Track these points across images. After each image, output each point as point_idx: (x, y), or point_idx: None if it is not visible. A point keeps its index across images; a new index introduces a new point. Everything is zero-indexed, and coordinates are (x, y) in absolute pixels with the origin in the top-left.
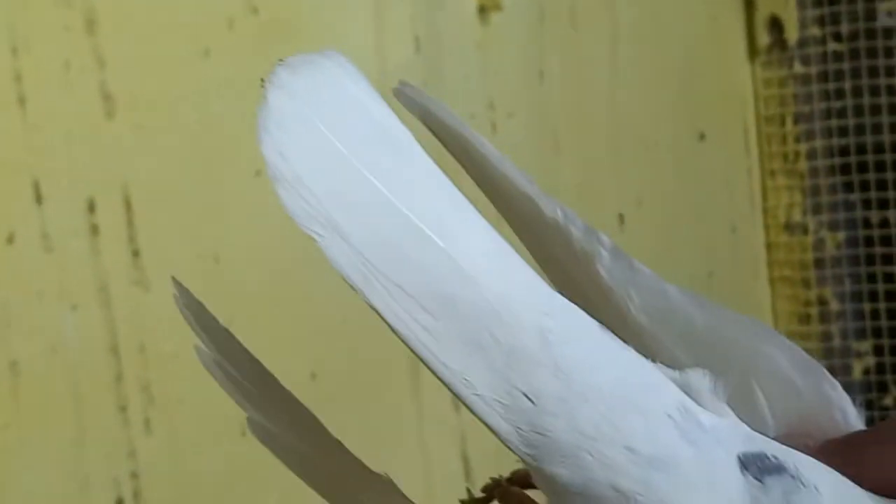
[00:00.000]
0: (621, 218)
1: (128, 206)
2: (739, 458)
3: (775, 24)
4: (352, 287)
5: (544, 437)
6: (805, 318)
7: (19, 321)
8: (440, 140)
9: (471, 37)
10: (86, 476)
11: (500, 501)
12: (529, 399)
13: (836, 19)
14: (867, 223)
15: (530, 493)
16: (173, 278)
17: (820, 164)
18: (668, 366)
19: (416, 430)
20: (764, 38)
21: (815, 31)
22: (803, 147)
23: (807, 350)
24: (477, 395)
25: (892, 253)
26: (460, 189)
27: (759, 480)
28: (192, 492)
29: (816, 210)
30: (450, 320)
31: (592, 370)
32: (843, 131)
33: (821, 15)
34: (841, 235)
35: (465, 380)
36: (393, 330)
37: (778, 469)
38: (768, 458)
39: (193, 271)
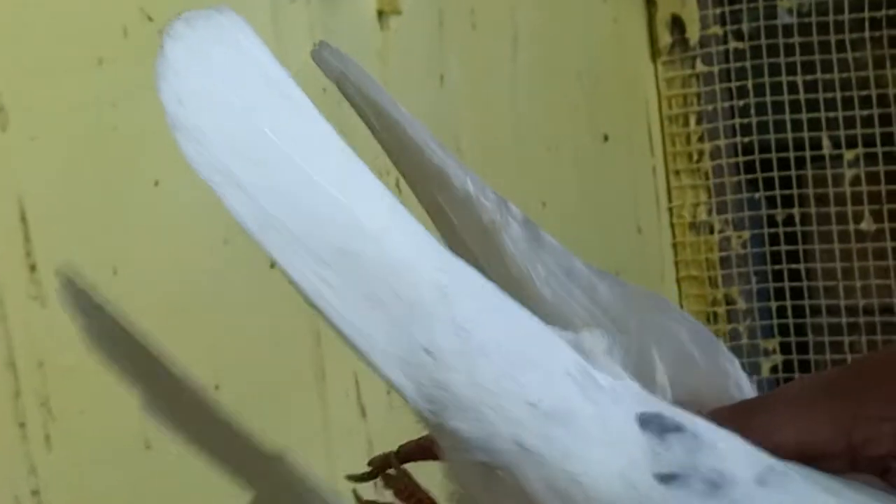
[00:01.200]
0: None
1: (23, 219)
2: (638, 417)
3: (677, 24)
4: (252, 238)
5: (445, 391)
6: (713, 317)
7: None
8: (352, 103)
9: (370, 41)
10: None
11: (384, 481)
12: (429, 353)
13: (736, 18)
14: (772, 221)
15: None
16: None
17: (724, 162)
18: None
19: (322, 438)
20: (666, 38)
21: (716, 29)
22: (707, 146)
23: None
24: (378, 350)
25: (798, 250)
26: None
27: (659, 437)
28: None
29: (722, 209)
30: (350, 275)
31: (490, 326)
32: (746, 129)
33: (722, 13)
34: (746, 234)
35: (366, 335)
36: (294, 284)
37: (677, 427)
38: (666, 418)
39: (92, 284)
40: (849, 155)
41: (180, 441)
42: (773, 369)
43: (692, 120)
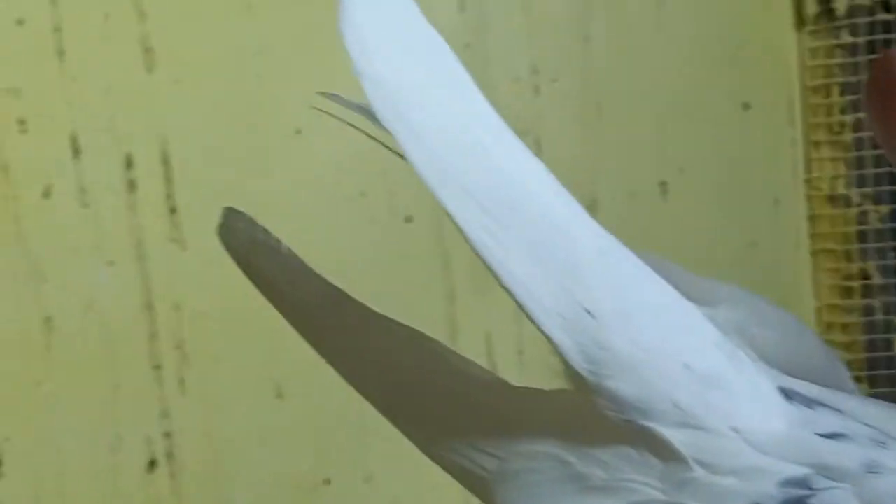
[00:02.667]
0: (663, 185)
1: (166, 161)
2: (781, 389)
3: None
4: (426, 185)
5: (606, 351)
6: (847, 292)
7: (54, 277)
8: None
9: None
10: (118, 436)
11: None
12: (591, 314)
13: None
14: None
15: None
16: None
17: (865, 135)
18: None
19: None
20: (812, 7)
21: (863, 0)
22: (849, 118)
23: (848, 325)
24: (540, 305)
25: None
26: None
27: (809, 408)
28: (227, 453)
29: (861, 182)
30: (516, 230)
31: (647, 291)
32: None
33: None
34: (885, 208)
35: (529, 289)
36: (463, 234)
37: (819, 402)
38: (804, 394)
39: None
40: None
41: (312, 391)
42: None
43: (835, 91)
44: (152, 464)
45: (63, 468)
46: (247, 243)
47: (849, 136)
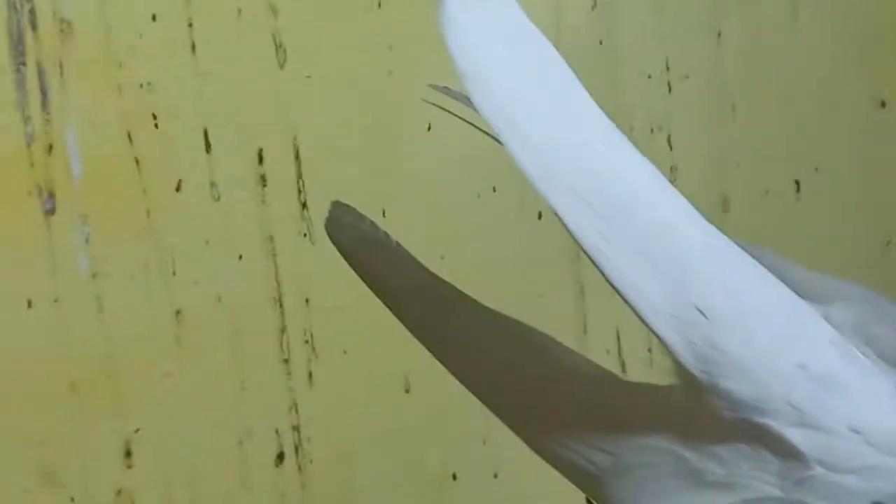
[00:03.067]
0: (797, 184)
1: (297, 156)
2: None
3: None
4: (533, 186)
5: (719, 351)
6: None
7: (184, 269)
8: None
9: None
10: (247, 428)
11: None
12: (703, 314)
13: None
14: None
15: None
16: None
17: None
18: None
19: None
20: None
21: None
22: None
23: None
24: (651, 305)
25: None
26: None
27: None
28: (355, 447)
29: None
30: (623, 230)
31: (758, 291)
32: None
33: None
34: None
35: (639, 289)
36: (571, 234)
37: None
38: None
39: None
40: None
41: (440, 386)
42: None
43: None
44: (280, 456)
45: (192, 460)
46: (355, 237)
47: None
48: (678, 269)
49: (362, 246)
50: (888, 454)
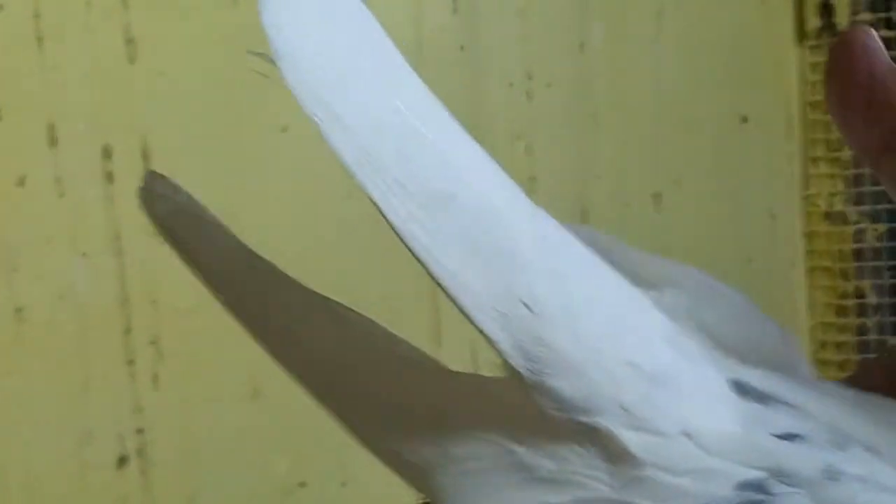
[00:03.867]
0: (657, 197)
1: (145, 154)
2: (731, 384)
3: (826, 8)
4: (351, 176)
5: (546, 348)
6: (842, 311)
7: (27, 266)
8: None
9: (511, 1)
10: (88, 430)
11: None
12: (529, 308)
13: (888, 5)
14: None
15: None
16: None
17: None
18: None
19: None
20: (813, 22)
21: (866, 16)
22: None
23: (842, 343)
24: (474, 300)
25: None
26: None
27: (763, 404)
28: (199, 452)
29: (859, 200)
30: (447, 220)
31: (590, 282)
32: None
33: (873, 0)
34: (883, 227)
35: (462, 283)
36: (392, 226)
37: (773, 397)
38: (757, 388)
39: None
40: None
41: (289, 393)
42: None
43: None
44: (122, 460)
45: (30, 461)
46: (171, 209)
47: (847, 154)
48: (504, 261)
49: (179, 219)
50: (719, 457)
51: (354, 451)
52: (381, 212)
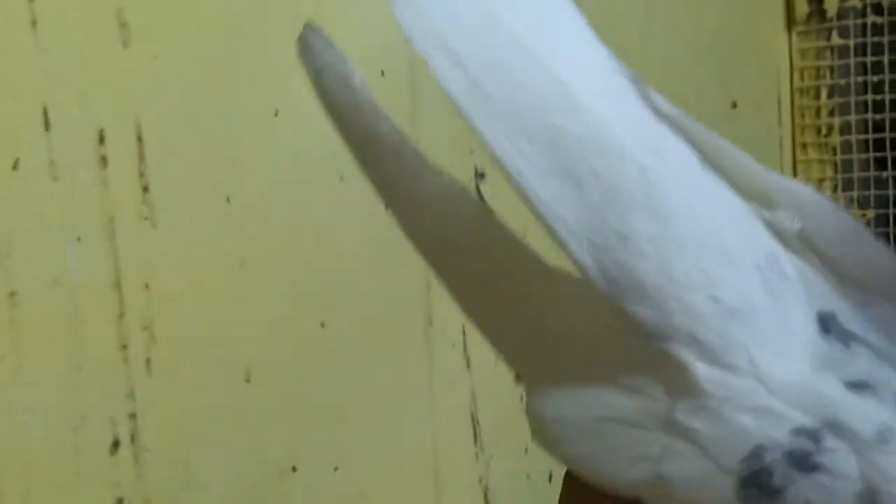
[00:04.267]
0: None
1: (139, 138)
2: (819, 317)
3: None
4: (458, 111)
5: (630, 276)
6: None
7: (21, 250)
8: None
9: None
10: (82, 415)
11: None
12: (621, 238)
13: None
14: None
15: None
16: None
17: (854, 138)
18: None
19: (426, 386)
20: (803, 8)
21: (855, 2)
22: (837, 120)
23: None
24: (568, 230)
25: None
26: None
27: (844, 345)
28: (192, 436)
29: (847, 186)
30: (553, 152)
31: (689, 215)
32: (879, 106)
33: None
34: (871, 213)
35: (558, 214)
36: (494, 156)
37: (858, 336)
38: (844, 326)
39: (204, 210)
40: None
41: (281, 377)
42: None
43: (823, 93)
44: (115, 444)
45: (24, 445)
46: (321, 62)
47: (836, 139)
48: (604, 193)
49: (327, 74)
50: (782, 400)
51: (347, 436)
52: (485, 144)
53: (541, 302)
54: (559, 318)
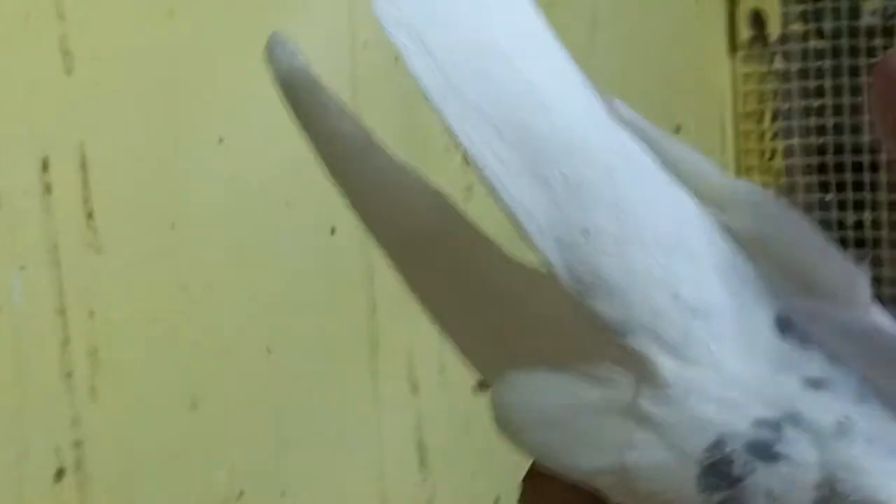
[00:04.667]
0: None
1: (83, 165)
2: (776, 321)
3: (758, 19)
4: (432, 105)
5: (595, 275)
6: None
7: None
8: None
9: None
10: (25, 444)
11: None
12: (585, 235)
13: (819, 16)
14: (842, 225)
15: None
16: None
17: (797, 162)
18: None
19: (372, 411)
20: (745, 33)
21: (797, 27)
22: (780, 144)
23: None
24: (536, 228)
25: (867, 256)
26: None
27: (801, 347)
28: (138, 464)
29: None
30: (522, 150)
31: (652, 215)
32: (821, 130)
33: (804, 11)
34: None
35: (527, 212)
36: (467, 155)
37: (815, 337)
38: (800, 327)
39: (148, 237)
40: None
41: (227, 403)
42: None
43: (767, 117)
44: (60, 473)
45: None
46: (288, 69)
47: (780, 163)
48: (570, 193)
49: (295, 81)
50: (744, 393)
51: (293, 461)
52: (458, 141)
53: (506, 292)
54: (525, 309)
